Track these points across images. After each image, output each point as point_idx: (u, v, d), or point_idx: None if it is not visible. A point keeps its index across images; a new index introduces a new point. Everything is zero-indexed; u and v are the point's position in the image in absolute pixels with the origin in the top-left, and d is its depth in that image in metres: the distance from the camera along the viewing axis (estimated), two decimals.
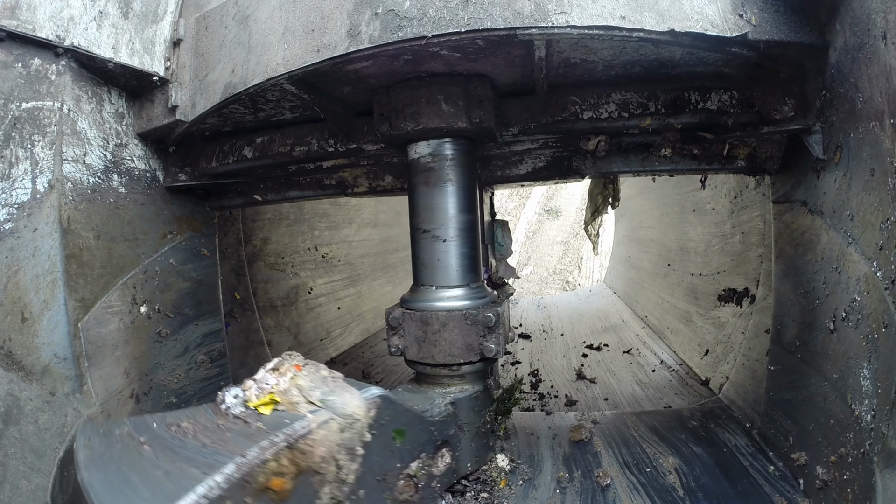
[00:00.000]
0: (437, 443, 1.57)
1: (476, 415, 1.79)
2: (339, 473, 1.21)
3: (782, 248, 1.91)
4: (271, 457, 1.07)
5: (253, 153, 2.20)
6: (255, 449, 1.06)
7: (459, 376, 1.79)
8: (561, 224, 14.49)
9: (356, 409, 1.26)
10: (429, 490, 1.52)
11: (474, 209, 1.88)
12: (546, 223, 14.68)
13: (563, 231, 14.25)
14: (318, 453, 1.16)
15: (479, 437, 1.81)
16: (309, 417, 1.18)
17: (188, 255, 2.33)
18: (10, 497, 1.41)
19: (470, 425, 1.77)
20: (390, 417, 1.38)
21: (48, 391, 1.63)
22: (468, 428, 1.76)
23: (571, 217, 14.39)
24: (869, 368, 1.28)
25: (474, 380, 1.82)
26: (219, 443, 1.10)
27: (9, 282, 1.58)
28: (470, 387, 1.80)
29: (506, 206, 15.15)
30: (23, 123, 1.64)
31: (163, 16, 1.94)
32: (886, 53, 1.19)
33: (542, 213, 15.03)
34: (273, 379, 1.31)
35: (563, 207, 14.88)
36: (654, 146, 1.97)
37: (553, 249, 13.81)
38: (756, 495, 1.65)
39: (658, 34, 1.36)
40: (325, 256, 3.91)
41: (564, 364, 3.42)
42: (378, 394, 1.35)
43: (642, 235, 4.91)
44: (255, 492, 1.02)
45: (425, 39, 1.39)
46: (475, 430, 1.79)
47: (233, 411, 1.22)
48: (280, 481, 1.08)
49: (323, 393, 1.28)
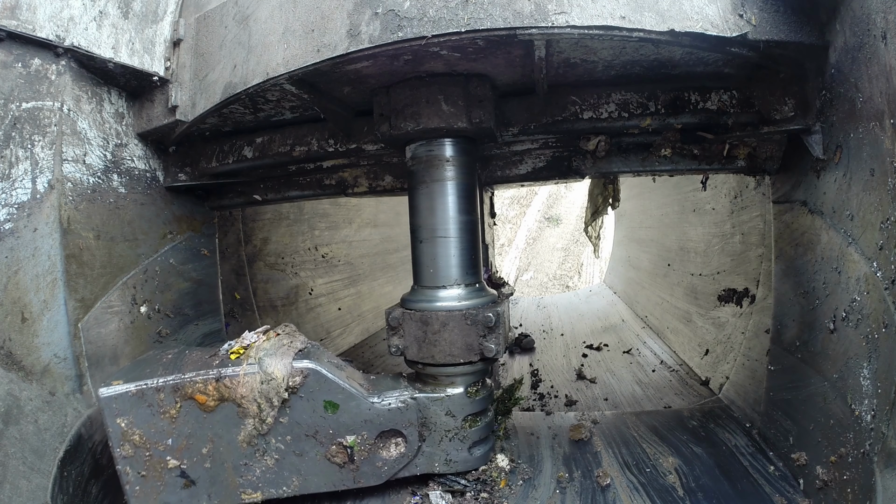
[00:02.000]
0: (385, 429, 1.71)
1: (447, 418, 1.76)
2: (259, 413, 1.62)
3: (782, 248, 1.91)
4: (200, 381, 1.60)
5: (253, 153, 2.20)
6: (192, 373, 1.61)
7: (454, 376, 1.78)
8: (561, 231, 14.55)
9: (276, 370, 1.62)
10: (371, 467, 1.73)
11: (474, 209, 1.88)
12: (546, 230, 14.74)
13: (563, 238, 14.33)
14: (240, 391, 1.60)
15: (452, 441, 1.77)
16: (242, 366, 1.62)
17: (188, 255, 2.33)
18: (10, 497, 1.41)
19: (438, 427, 1.76)
20: (320, 388, 1.65)
21: (48, 391, 1.63)
22: (436, 429, 1.76)
23: (572, 224, 14.45)
24: (869, 368, 1.28)
25: (454, 383, 1.78)
26: (187, 366, 1.66)
27: (9, 282, 1.58)
28: (443, 389, 1.77)
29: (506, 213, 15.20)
30: (23, 123, 1.64)
31: (163, 16, 1.94)
32: (886, 53, 1.19)
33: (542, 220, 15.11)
34: (254, 337, 1.77)
35: (564, 215, 14.95)
36: (654, 146, 1.97)
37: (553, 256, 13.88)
38: (756, 495, 1.65)
39: (658, 34, 1.36)
40: (325, 256, 3.91)
41: (564, 364, 3.42)
42: (308, 366, 1.65)
43: (642, 235, 4.91)
44: (183, 396, 1.60)
45: (425, 39, 1.39)
46: (444, 433, 1.76)
47: (219, 353, 1.72)
48: (203, 398, 1.60)
49: (265, 354, 1.66)
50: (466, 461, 1.80)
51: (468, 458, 1.80)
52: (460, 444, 1.78)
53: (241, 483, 1.67)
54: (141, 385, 1.58)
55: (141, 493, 1.62)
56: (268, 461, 1.67)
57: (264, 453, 1.66)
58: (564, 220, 14.81)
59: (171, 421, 1.60)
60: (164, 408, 1.59)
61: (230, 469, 1.65)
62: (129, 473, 1.60)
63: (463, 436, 1.78)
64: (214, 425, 1.62)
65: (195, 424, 1.61)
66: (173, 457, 1.61)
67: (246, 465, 1.66)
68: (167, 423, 1.60)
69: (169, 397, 1.59)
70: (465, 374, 1.79)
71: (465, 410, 1.78)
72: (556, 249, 14.07)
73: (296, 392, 1.64)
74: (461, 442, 1.78)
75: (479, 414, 1.82)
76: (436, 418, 1.76)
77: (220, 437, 1.63)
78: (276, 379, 1.60)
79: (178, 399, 1.59)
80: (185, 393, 1.59)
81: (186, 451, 1.62)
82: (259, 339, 1.76)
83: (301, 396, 1.64)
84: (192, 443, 1.62)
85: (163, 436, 1.60)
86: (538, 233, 14.82)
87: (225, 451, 1.64)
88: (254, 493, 1.68)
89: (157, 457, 1.60)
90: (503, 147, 2.14)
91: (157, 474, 1.62)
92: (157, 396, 1.58)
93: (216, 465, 1.64)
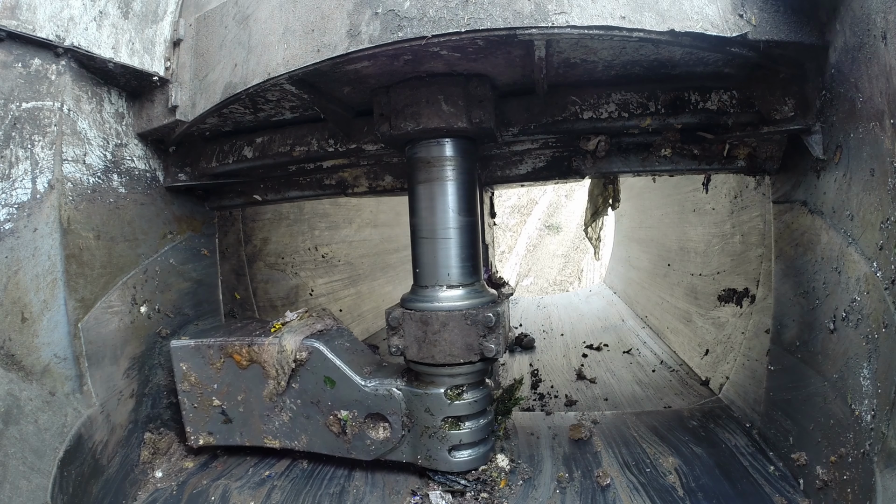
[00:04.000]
0: (372, 412, 1.88)
1: (425, 415, 1.78)
2: (277, 376, 1.94)
3: (782, 248, 1.91)
4: (237, 344, 2.00)
5: (253, 153, 2.20)
6: (234, 337, 2.02)
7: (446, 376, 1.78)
8: (561, 239, 14.65)
9: (287, 345, 1.92)
10: (361, 443, 1.90)
11: (474, 209, 1.88)
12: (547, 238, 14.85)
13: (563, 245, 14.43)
14: (264, 357, 1.95)
15: (431, 439, 1.79)
16: (268, 339, 1.96)
17: (188, 255, 2.33)
18: (10, 497, 1.41)
19: (420, 422, 1.79)
20: (321, 365, 1.91)
21: (48, 391, 1.63)
22: (418, 423, 1.79)
23: (572, 232, 14.55)
24: (869, 368, 1.28)
25: (434, 383, 1.80)
26: (237, 332, 2.09)
27: (9, 282, 1.58)
28: (423, 386, 1.80)
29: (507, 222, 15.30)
30: (23, 123, 1.64)
31: (163, 16, 1.94)
32: (886, 53, 1.19)
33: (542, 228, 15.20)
34: (292, 316, 2.15)
35: (564, 223, 15.05)
36: (654, 146, 1.97)
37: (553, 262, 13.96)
38: (756, 495, 1.65)
39: (658, 34, 1.36)
40: (325, 256, 3.91)
41: (564, 364, 3.42)
42: (313, 344, 1.92)
43: (642, 235, 4.91)
44: (226, 354, 2.01)
45: (425, 39, 1.39)
46: (424, 428, 1.79)
47: (266, 326, 2.10)
48: (238, 357, 1.99)
49: (288, 330, 2.00)
50: (447, 462, 1.79)
51: (448, 458, 1.79)
52: (439, 444, 1.79)
53: (264, 430, 2.03)
54: (199, 342, 2.04)
55: (193, 419, 2.08)
56: (284, 417, 2.00)
57: (282, 410, 1.99)
58: (565, 228, 14.93)
59: (216, 371, 2.03)
60: (212, 360, 2.03)
61: (257, 416, 2.03)
62: (186, 403, 2.07)
63: (441, 436, 1.78)
64: (247, 380, 2.00)
65: (233, 377, 2.02)
66: (217, 398, 2.05)
67: (268, 416, 2.01)
68: (214, 371, 2.03)
69: (216, 353, 2.02)
70: (458, 374, 1.78)
71: (443, 412, 1.78)
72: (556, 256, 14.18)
73: (303, 365, 1.92)
74: (440, 441, 1.79)
75: (462, 418, 1.80)
76: (417, 413, 1.80)
77: (251, 389, 2.01)
78: (286, 351, 1.91)
79: (222, 355, 2.02)
80: (227, 352, 2.01)
81: (226, 396, 2.04)
82: (294, 318, 2.12)
83: (308, 369, 1.92)
84: (231, 390, 2.03)
85: (210, 381, 2.04)
86: (538, 240, 14.94)
87: (254, 401, 2.01)
88: (273, 440, 2.03)
89: (206, 396, 2.06)
90: (503, 147, 2.14)
91: (205, 408, 2.07)
92: (208, 351, 2.02)
93: (247, 410, 2.04)
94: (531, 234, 15.14)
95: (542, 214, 15.58)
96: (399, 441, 1.85)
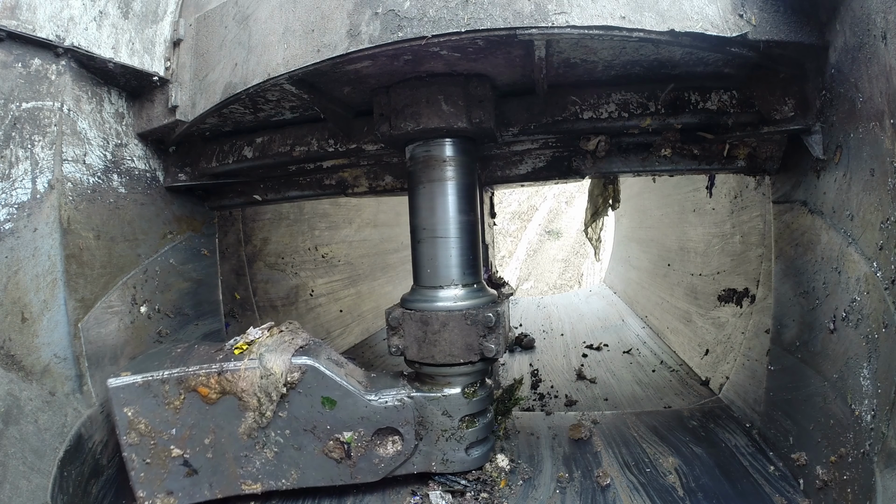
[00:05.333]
0: (381, 427, 1.73)
1: (443, 418, 1.76)
2: (259, 407, 1.65)
3: (782, 248, 1.91)
4: (203, 374, 1.65)
5: (253, 153, 2.20)
6: (195, 366, 1.66)
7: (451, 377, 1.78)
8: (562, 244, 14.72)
9: (275, 366, 1.64)
10: (368, 464, 1.74)
11: (474, 209, 1.88)
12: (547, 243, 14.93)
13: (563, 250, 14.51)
14: (241, 385, 1.64)
15: (448, 441, 1.78)
16: (243, 362, 1.66)
17: (188, 255, 2.33)
18: (10, 497, 1.41)
19: (435, 427, 1.76)
20: (318, 385, 1.67)
21: (48, 391, 1.63)
22: (433, 428, 1.76)
23: (572, 238, 14.62)
24: (869, 368, 1.28)
25: (450, 384, 1.78)
26: (193, 360, 1.70)
27: (9, 282, 1.58)
28: (439, 389, 1.77)
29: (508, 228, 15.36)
30: (23, 123, 1.64)
31: (163, 16, 1.94)
32: (886, 53, 1.19)
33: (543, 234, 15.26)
34: (258, 334, 1.81)
35: (565, 229, 15.12)
36: (654, 146, 1.97)
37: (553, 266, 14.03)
38: (756, 495, 1.65)
39: (658, 34, 1.36)
40: (325, 256, 3.91)
41: (564, 364, 3.42)
42: (306, 362, 1.67)
43: (642, 235, 4.91)
44: (187, 388, 1.65)
45: (425, 39, 1.39)
46: (441, 432, 1.77)
47: (224, 348, 1.75)
48: (206, 390, 1.65)
49: (266, 350, 1.69)
50: (463, 461, 1.80)
51: (465, 458, 1.80)
52: (457, 445, 1.78)
53: (241, 474, 1.71)
54: (147, 377, 1.64)
55: (145, 480, 1.67)
56: (267, 454, 1.71)
57: (264, 446, 1.70)
58: (565, 234, 15.01)
59: (175, 411, 1.65)
60: (168, 399, 1.64)
61: (231, 460, 1.70)
62: (135, 460, 1.66)
63: (460, 436, 1.78)
64: (216, 417, 1.67)
65: (198, 415, 1.66)
66: (177, 446, 1.67)
67: (246, 456, 1.70)
68: (171, 413, 1.65)
69: (173, 389, 1.64)
70: (465, 374, 1.78)
71: (461, 411, 1.78)
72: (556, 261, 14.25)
73: (294, 387, 1.67)
74: (458, 442, 1.78)
75: (476, 415, 1.82)
76: (433, 418, 1.76)
77: (222, 428, 1.67)
78: (274, 374, 1.64)
79: (181, 391, 1.64)
80: (189, 385, 1.64)
81: (189, 441, 1.67)
82: (262, 336, 1.79)
83: (300, 392, 1.68)
84: (195, 433, 1.67)
85: (167, 425, 1.66)
86: (539, 245, 15.02)
87: (226, 442, 1.68)
88: (254, 484, 1.72)
89: (162, 445, 1.66)
90: (503, 147, 2.14)
91: (162, 462, 1.67)
92: (162, 388, 1.64)
93: (218, 455, 1.69)
94: (531, 239, 15.22)
95: (543, 220, 15.66)
96: (412, 452, 1.76)
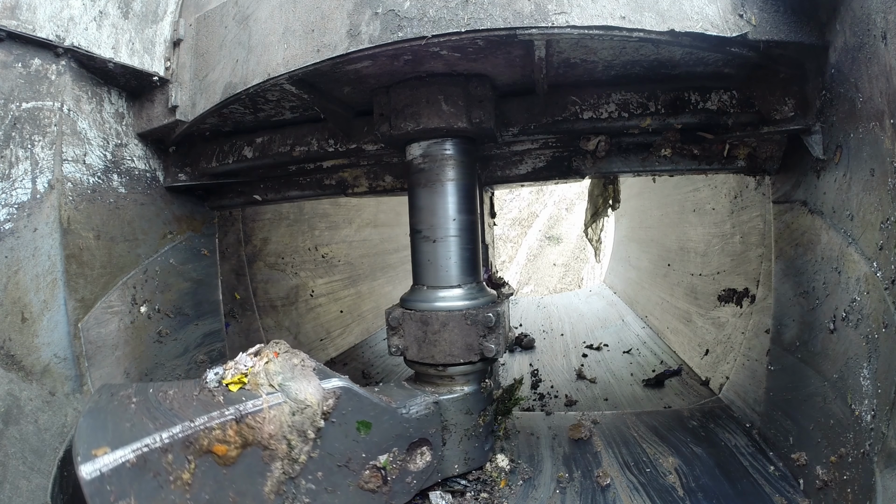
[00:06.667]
0: (414, 440, 1.61)
1: (465, 417, 1.77)
2: (290, 452, 1.33)
3: (782, 248, 1.91)
4: (217, 426, 1.23)
5: (253, 153, 2.20)
6: (203, 417, 1.22)
7: (457, 375, 1.78)
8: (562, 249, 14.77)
9: (309, 395, 1.35)
10: (402, 484, 1.57)
11: (474, 209, 1.88)
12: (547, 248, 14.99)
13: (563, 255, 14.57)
14: (267, 430, 1.28)
15: (470, 439, 1.79)
16: (263, 398, 1.29)
17: (188, 255, 2.33)
18: (10, 497, 1.41)
19: (457, 427, 1.76)
20: (353, 408, 1.44)
21: (48, 391, 1.63)
22: (455, 429, 1.76)
23: (572, 243, 14.68)
24: (869, 368, 1.28)
25: (467, 381, 1.80)
26: (182, 409, 1.26)
27: (9, 282, 1.58)
28: (460, 388, 1.78)
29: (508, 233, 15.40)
30: (23, 123, 1.64)
31: (163, 16, 1.94)
32: (886, 53, 1.19)
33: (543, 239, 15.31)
34: (250, 361, 1.45)
35: (565, 235, 15.18)
36: (654, 146, 1.97)
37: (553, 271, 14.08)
38: (756, 495, 1.64)
39: (658, 34, 1.36)
40: (325, 256, 3.91)
41: (564, 364, 3.42)
42: (339, 385, 1.41)
43: (642, 235, 4.90)
44: (198, 452, 1.20)
45: (425, 39, 1.39)
46: (463, 431, 1.78)
47: (208, 386, 1.36)
48: (223, 448, 1.24)
49: (284, 378, 1.37)
50: (482, 456, 1.84)
51: (483, 452, 1.85)
52: (476, 441, 1.82)
53: None
54: (140, 449, 1.13)
55: None
56: None
57: (294, 499, 1.36)
58: (565, 240, 15.05)
59: (184, 490, 1.18)
60: (174, 473, 1.16)
61: None
62: None
63: (478, 431, 1.82)
64: (236, 480, 1.25)
65: (214, 486, 1.22)
66: None
67: None
68: (180, 493, 1.17)
69: (179, 457, 1.18)
70: (465, 373, 1.79)
71: (479, 406, 1.82)
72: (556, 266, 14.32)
73: (328, 417, 1.40)
74: (477, 438, 1.81)
75: (486, 407, 1.87)
76: (456, 418, 1.76)
77: (244, 493, 1.27)
78: (311, 406, 1.34)
79: (190, 457, 1.19)
80: (200, 447, 1.19)
81: None
82: (258, 362, 1.43)
83: (333, 422, 1.40)
84: None
85: None
86: (539, 250, 15.08)
87: None
88: None
89: None
90: (503, 147, 2.14)
91: None
92: (163, 460, 1.16)
93: None
94: (532, 244, 15.27)
95: (543, 226, 15.72)
96: (440, 460, 1.68)
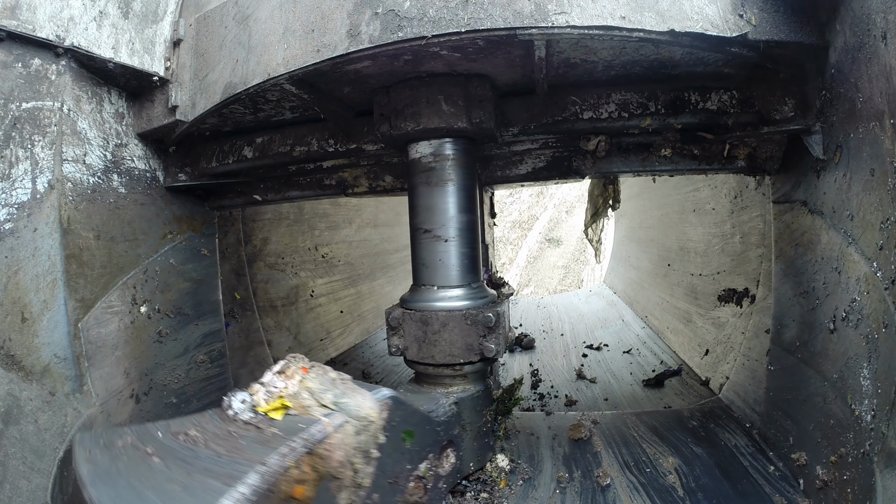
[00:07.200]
0: (443, 443, 1.59)
1: (478, 414, 1.80)
2: (355, 477, 1.19)
3: (782, 248, 1.91)
4: (293, 463, 1.02)
5: (253, 153, 2.20)
6: (275, 456, 1.01)
7: (461, 376, 1.79)
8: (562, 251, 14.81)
9: (370, 410, 1.23)
10: (436, 491, 1.52)
11: (474, 209, 1.88)
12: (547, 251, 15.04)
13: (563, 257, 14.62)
14: (336, 458, 1.13)
15: (481, 436, 1.82)
16: (324, 421, 1.14)
17: (188, 255, 2.33)
18: (10, 497, 1.41)
19: (472, 425, 1.78)
20: (401, 419, 1.35)
21: (48, 391, 1.63)
22: (470, 428, 1.77)
23: (572, 245, 14.73)
24: (869, 368, 1.28)
25: (475, 379, 1.82)
26: (234, 451, 1.04)
27: (9, 282, 1.58)
28: (472, 386, 1.80)
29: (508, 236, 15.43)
30: (23, 123, 1.64)
31: (163, 16, 1.94)
32: (886, 53, 1.19)
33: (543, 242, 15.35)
34: (281, 382, 1.26)
35: (565, 237, 15.23)
36: (654, 146, 1.97)
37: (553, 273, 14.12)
38: (756, 495, 1.64)
39: (658, 34, 1.36)
40: (325, 256, 3.91)
41: (564, 364, 3.42)
42: (389, 395, 1.33)
43: (642, 235, 4.90)
44: (280, 501, 0.98)
45: (425, 39, 1.39)
46: (477, 429, 1.80)
47: (242, 417, 1.17)
48: (302, 489, 1.05)
49: (335, 395, 1.24)
50: (490, 451, 1.88)
51: (493, 448, 1.88)
52: (488, 437, 1.85)
53: None
54: None
55: None
56: None
57: None
58: (565, 242, 15.09)
59: None
60: None
61: None
62: None
63: (488, 428, 1.84)
64: None
65: None
66: None
67: None
68: None
69: None
70: (475, 372, 1.80)
71: (487, 403, 1.84)
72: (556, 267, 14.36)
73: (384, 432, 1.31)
74: (487, 435, 1.84)
75: (489, 406, 1.89)
76: (472, 416, 1.78)
77: None
78: (374, 422, 1.23)
79: None
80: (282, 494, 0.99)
81: None
82: (290, 382, 1.25)
83: (388, 436, 1.30)
84: None
85: None
86: (539, 252, 15.12)
87: None
88: None
89: None
90: (503, 147, 2.14)
91: None
92: None
93: None
94: (532, 247, 15.31)
95: (543, 229, 15.77)
96: (461, 460, 1.65)
